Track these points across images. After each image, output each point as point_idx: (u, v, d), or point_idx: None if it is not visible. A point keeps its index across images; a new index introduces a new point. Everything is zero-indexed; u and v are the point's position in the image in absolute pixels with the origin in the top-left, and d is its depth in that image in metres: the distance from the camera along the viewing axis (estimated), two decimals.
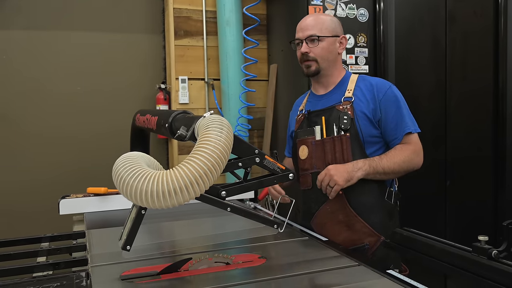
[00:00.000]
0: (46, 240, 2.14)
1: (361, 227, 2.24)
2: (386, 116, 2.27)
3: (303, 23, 2.38)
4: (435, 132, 3.73)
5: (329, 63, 2.38)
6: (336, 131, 2.26)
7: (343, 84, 2.40)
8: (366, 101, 2.29)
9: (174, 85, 4.10)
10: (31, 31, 4.02)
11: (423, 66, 3.71)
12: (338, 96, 2.36)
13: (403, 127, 2.27)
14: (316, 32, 2.32)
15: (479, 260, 1.41)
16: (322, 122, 2.32)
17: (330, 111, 2.32)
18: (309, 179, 2.35)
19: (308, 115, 2.41)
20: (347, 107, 2.28)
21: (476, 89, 3.82)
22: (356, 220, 2.24)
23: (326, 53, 2.35)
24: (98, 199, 2.65)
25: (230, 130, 1.42)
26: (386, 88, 2.31)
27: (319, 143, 2.31)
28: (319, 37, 2.32)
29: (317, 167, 2.30)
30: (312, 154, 2.33)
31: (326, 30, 2.33)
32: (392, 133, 2.28)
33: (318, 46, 2.33)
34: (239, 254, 1.81)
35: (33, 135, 4.03)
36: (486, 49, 3.82)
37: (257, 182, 1.69)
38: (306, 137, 2.36)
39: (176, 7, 4.09)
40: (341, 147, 2.24)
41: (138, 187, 1.27)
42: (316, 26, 2.33)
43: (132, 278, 1.56)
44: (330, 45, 2.36)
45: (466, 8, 3.77)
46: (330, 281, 1.54)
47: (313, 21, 2.36)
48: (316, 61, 2.35)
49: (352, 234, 2.25)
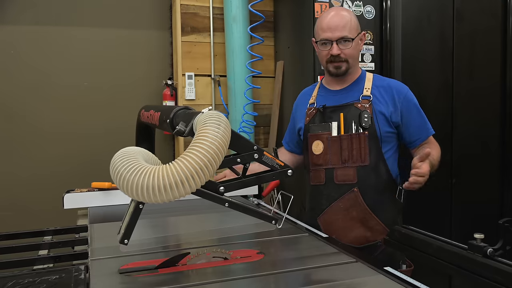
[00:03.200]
0: (49, 233, 2.15)
1: (374, 224, 2.29)
2: (408, 119, 2.34)
3: (332, 22, 2.32)
4: (442, 130, 3.72)
5: (356, 62, 2.42)
6: (355, 128, 2.28)
7: (360, 82, 2.42)
8: (385, 102, 2.33)
9: (180, 81, 4.11)
10: (39, 27, 4.05)
11: (430, 64, 3.70)
12: (355, 93, 2.38)
13: (427, 129, 2.38)
14: (347, 33, 2.29)
15: (474, 258, 1.41)
16: (340, 118, 2.33)
17: (349, 108, 2.33)
18: (323, 174, 2.37)
19: (324, 110, 2.39)
20: (366, 105, 2.30)
21: (484, 87, 3.79)
22: (371, 217, 2.28)
23: (356, 53, 2.38)
24: (102, 193, 2.67)
25: (227, 126, 1.43)
26: (405, 92, 2.37)
27: (335, 139, 2.32)
28: (352, 39, 2.31)
29: (332, 163, 2.33)
30: (327, 150, 2.34)
31: (354, 29, 2.33)
32: (415, 134, 2.36)
33: (350, 47, 2.32)
34: (237, 250, 1.81)
35: (40, 129, 4.08)
36: (494, 48, 3.78)
37: (256, 178, 1.69)
38: (321, 132, 2.37)
39: (183, 4, 4.11)
40: (359, 144, 2.27)
41: (134, 182, 1.28)
42: (346, 26, 2.29)
43: (130, 271, 1.57)
44: (358, 44, 2.38)
45: (474, 6, 3.74)
46: (326, 277, 1.54)
47: (342, 21, 2.31)
48: (347, 62, 2.35)
49: (365, 231, 2.30)
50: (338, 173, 2.32)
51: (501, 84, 3.78)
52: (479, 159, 3.80)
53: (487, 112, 3.82)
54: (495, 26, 3.76)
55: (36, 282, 1.41)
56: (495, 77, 3.79)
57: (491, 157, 3.82)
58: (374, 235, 2.29)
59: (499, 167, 3.82)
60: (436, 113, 3.69)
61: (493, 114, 3.81)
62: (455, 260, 1.49)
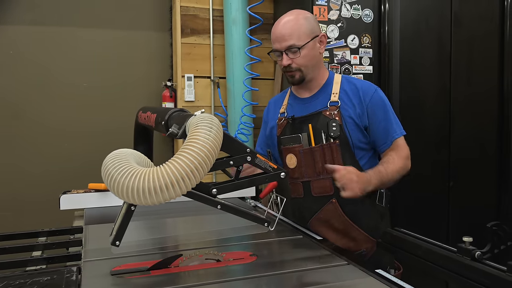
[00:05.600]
0: (44, 234, 2.16)
1: (356, 234, 2.22)
2: (374, 121, 2.22)
3: (278, 31, 2.21)
4: (439, 134, 3.73)
5: (313, 68, 2.28)
6: (325, 138, 2.20)
7: (327, 86, 2.32)
8: (352, 106, 2.23)
9: (180, 82, 4.13)
10: (39, 27, 4.07)
11: (428, 68, 3.71)
12: (323, 100, 2.29)
13: (391, 133, 2.23)
14: (294, 41, 2.17)
15: (462, 260, 1.42)
16: (309, 129, 2.24)
17: (317, 117, 2.24)
18: (300, 188, 2.30)
19: (293, 121, 2.31)
20: (334, 112, 2.21)
21: (481, 92, 3.80)
22: (352, 228, 2.21)
23: (309, 60, 2.23)
24: (99, 195, 2.67)
25: (219, 129, 1.44)
26: (372, 92, 2.25)
27: (307, 151, 2.24)
28: (299, 48, 2.18)
29: (307, 176, 2.26)
30: (301, 163, 2.26)
31: (305, 35, 2.19)
32: (381, 138, 2.23)
33: (299, 56, 2.20)
34: (230, 252, 1.82)
35: (38, 129, 4.09)
36: (492, 52, 3.79)
37: (249, 180, 1.71)
38: (292, 145, 2.28)
39: (183, 5, 4.13)
40: (331, 155, 2.18)
41: (125, 184, 1.29)
42: (293, 34, 2.17)
43: (122, 273, 1.58)
44: (311, 50, 2.23)
45: (472, 11, 3.75)
46: (317, 279, 1.55)
47: (288, 29, 2.18)
48: (299, 70, 2.24)
49: (348, 241, 2.22)
50: (315, 186, 2.25)
51: (498, 89, 3.78)
52: (476, 163, 3.81)
53: (485, 117, 3.82)
54: (493, 31, 3.77)
55: (27, 283, 1.42)
56: (493, 81, 3.79)
57: (488, 161, 3.83)
58: (358, 245, 2.22)
59: (496, 171, 3.82)
60: (434, 117, 3.72)
61: (491, 119, 3.82)
62: (444, 262, 1.50)
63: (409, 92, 3.61)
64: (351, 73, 3.51)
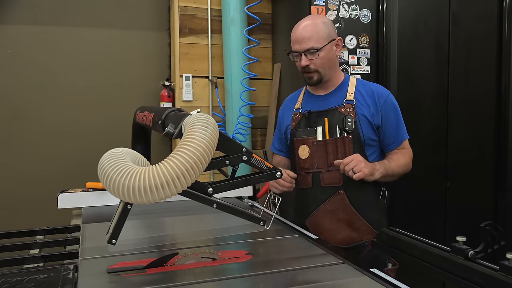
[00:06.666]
0: (41, 233, 2.17)
1: (361, 225, 2.34)
2: (386, 122, 2.39)
3: (298, 34, 2.36)
4: (437, 135, 3.74)
5: (329, 70, 2.42)
6: (339, 132, 2.34)
7: (343, 86, 2.47)
8: (367, 105, 2.38)
9: (178, 82, 4.13)
10: (37, 27, 4.08)
11: (426, 69, 3.72)
12: (339, 98, 2.43)
13: (402, 133, 2.43)
14: (313, 44, 2.32)
15: (456, 260, 1.43)
16: (325, 123, 2.38)
17: (333, 113, 2.38)
18: (309, 178, 2.42)
19: (309, 115, 2.44)
20: (349, 110, 2.35)
21: (479, 93, 3.81)
22: (357, 218, 2.34)
23: (326, 62, 2.38)
24: (96, 193, 2.68)
25: (215, 129, 1.45)
26: (386, 95, 2.41)
27: (321, 144, 2.37)
28: (318, 50, 2.32)
29: (318, 167, 2.39)
30: (313, 154, 2.39)
31: (323, 38, 2.34)
32: (391, 138, 2.40)
33: (318, 57, 2.34)
34: (226, 250, 1.83)
35: (36, 128, 4.09)
36: (490, 53, 3.81)
37: (244, 179, 1.71)
38: (307, 137, 2.41)
39: (182, 5, 4.13)
40: (344, 148, 2.32)
41: (121, 183, 1.30)
42: (312, 37, 2.32)
43: (118, 271, 1.59)
44: (329, 52, 2.38)
45: (470, 11, 3.76)
46: (312, 278, 1.56)
47: (308, 32, 2.34)
48: (317, 72, 2.38)
49: (351, 231, 2.35)
50: (325, 176, 2.37)
51: (496, 90, 3.80)
52: (474, 164, 3.82)
53: (482, 117, 3.84)
54: (491, 31, 3.78)
55: (24, 281, 1.43)
56: (491, 82, 3.81)
57: (485, 161, 3.84)
58: (361, 235, 2.34)
59: (493, 172, 3.83)
60: (432, 118, 3.72)
61: (488, 119, 3.83)
62: (438, 262, 1.51)
63: (407, 93, 3.62)
64: (349, 73, 3.51)
